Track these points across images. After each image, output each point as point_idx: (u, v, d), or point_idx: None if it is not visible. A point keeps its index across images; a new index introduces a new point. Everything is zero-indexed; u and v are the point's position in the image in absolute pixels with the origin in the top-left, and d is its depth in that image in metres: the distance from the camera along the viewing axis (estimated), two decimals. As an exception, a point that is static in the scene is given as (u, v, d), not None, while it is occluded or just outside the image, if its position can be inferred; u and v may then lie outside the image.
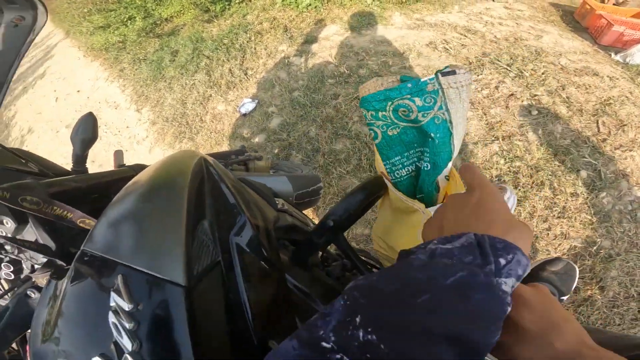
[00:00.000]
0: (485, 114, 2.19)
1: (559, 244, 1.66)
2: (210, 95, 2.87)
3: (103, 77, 3.98)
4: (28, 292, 0.53)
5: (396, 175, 0.62)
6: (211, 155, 1.00)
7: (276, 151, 2.27)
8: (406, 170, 0.62)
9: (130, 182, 0.50)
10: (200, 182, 0.51)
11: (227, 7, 3.99)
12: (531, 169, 1.87)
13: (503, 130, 2.07)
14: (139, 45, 4.07)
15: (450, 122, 0.54)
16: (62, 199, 0.49)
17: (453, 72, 0.52)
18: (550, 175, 1.84)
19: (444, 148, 0.56)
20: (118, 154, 0.89)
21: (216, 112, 2.75)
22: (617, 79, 2.50)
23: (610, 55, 2.91)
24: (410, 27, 3.10)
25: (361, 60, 2.75)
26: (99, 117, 3.20)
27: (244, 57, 3.12)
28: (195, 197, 0.47)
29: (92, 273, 0.40)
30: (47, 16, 0.67)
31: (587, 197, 1.77)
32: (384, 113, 0.57)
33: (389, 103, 0.55)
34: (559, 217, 1.71)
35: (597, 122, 2.10)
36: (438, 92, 0.52)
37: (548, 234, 1.69)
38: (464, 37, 2.90)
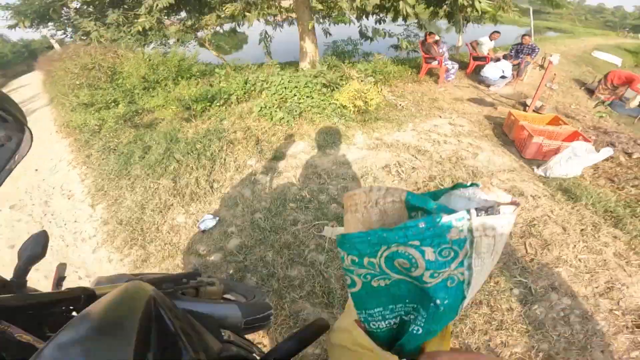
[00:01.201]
0: None
1: (500, 352, 1.84)
2: (172, 205, 2.81)
3: (67, 160, 3.90)
4: None
5: (372, 326, 0.49)
6: (163, 277, 1.04)
7: (231, 271, 2.27)
8: (387, 323, 0.49)
9: (83, 312, 0.54)
10: (149, 319, 0.56)
11: (208, 107, 4.32)
12: None
13: None
14: (114, 133, 4.14)
15: (469, 283, 0.40)
16: (2, 314, 0.53)
17: (496, 211, 0.37)
18: (487, 295, 2.05)
19: (448, 315, 0.43)
20: (60, 268, 0.88)
21: (175, 223, 2.66)
22: (540, 197, 2.91)
23: (533, 169, 3.39)
24: (370, 147, 3.49)
25: (322, 183, 2.98)
26: (49, 204, 3.17)
27: (212, 167, 3.20)
28: (143, 334, 0.52)
29: None
30: (31, 145, 0.65)
31: (522, 310, 1.97)
32: (371, 260, 0.41)
33: (384, 248, 0.39)
34: (497, 329, 1.91)
35: (525, 244, 2.41)
36: (465, 242, 0.37)
37: (489, 344, 1.88)
38: (414, 158, 3.33)
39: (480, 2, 3.56)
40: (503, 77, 5.84)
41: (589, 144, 3.28)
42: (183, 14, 7.28)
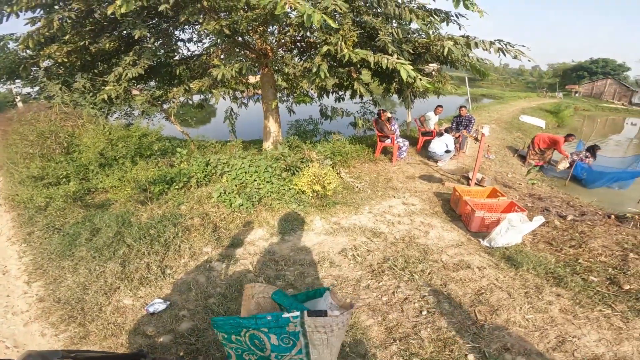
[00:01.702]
0: (384, 320, 2.48)
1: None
2: (119, 288, 2.74)
3: (6, 235, 3.67)
4: None
5: None
6: (103, 357, 0.93)
7: (182, 353, 2.20)
8: None
9: None
10: None
11: (166, 191, 4.25)
12: None
13: (400, 332, 2.35)
14: (61, 212, 3.92)
15: None
16: None
17: (323, 314, 0.46)
18: None
19: None
20: None
21: (120, 305, 2.60)
22: (485, 268, 3.11)
23: (479, 241, 3.68)
24: (327, 232, 3.61)
25: (280, 270, 3.01)
26: None
27: (166, 253, 3.14)
28: None
29: None
30: None
31: None
32: (238, 337, 0.52)
33: (244, 330, 0.50)
34: None
35: (474, 312, 2.54)
36: (299, 334, 0.45)
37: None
38: (370, 241, 3.48)
39: (420, 80, 4.06)
40: (448, 151, 6.50)
41: (522, 214, 3.61)
42: (152, 84, 7.53)
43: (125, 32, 5.07)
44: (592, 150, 7.83)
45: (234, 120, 6.91)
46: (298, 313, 0.49)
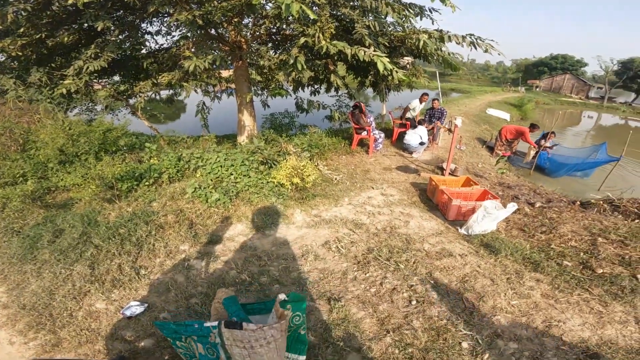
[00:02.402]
0: (375, 311, 2.46)
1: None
2: (89, 291, 2.57)
3: None
4: None
5: None
6: None
7: (167, 358, 2.10)
8: None
9: None
10: None
11: (135, 187, 3.98)
12: (422, 351, 2.12)
13: (392, 323, 2.34)
14: (20, 213, 3.62)
15: None
16: None
17: (238, 326, 0.41)
18: (439, 352, 2.09)
19: None
20: None
21: (92, 309, 2.44)
22: (467, 255, 3.18)
23: (457, 229, 3.77)
24: (309, 225, 3.55)
25: (263, 265, 2.93)
26: None
27: (139, 253, 2.97)
28: None
29: None
30: None
31: None
32: (182, 343, 0.49)
33: (183, 337, 0.48)
34: None
35: (462, 299, 2.58)
36: (218, 346, 0.41)
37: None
38: (352, 232, 3.47)
39: (397, 72, 4.11)
40: (422, 142, 6.65)
41: (497, 202, 3.73)
42: (116, 78, 7.08)
43: (86, 24, 4.71)
44: (545, 135, 8.32)
45: (207, 115, 6.65)
46: (216, 323, 0.44)
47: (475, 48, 4.86)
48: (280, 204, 3.81)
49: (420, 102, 7.96)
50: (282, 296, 1.13)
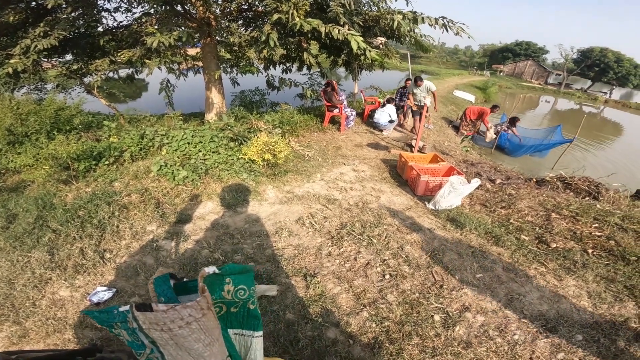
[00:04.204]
0: (351, 287, 2.50)
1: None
2: (50, 279, 2.45)
3: None
4: None
5: None
6: (50, 356, 0.85)
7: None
8: None
9: None
10: None
11: (93, 167, 3.73)
12: (398, 324, 2.19)
13: (368, 298, 2.39)
14: None
15: None
16: None
17: (149, 308, 0.38)
18: (413, 325, 2.18)
19: None
20: None
21: (56, 297, 2.34)
22: (435, 229, 3.30)
23: (425, 204, 3.91)
24: (282, 202, 3.52)
25: (236, 244, 2.88)
26: None
27: (102, 236, 2.81)
28: None
29: None
30: None
31: (447, 333, 2.13)
32: (116, 330, 0.45)
33: (113, 324, 0.44)
34: (433, 356, 1.98)
35: (432, 272, 2.68)
36: (136, 330, 0.38)
37: (431, 373, 1.96)
38: (325, 208, 3.49)
39: (370, 51, 4.12)
40: (391, 120, 6.77)
41: (462, 177, 3.86)
42: (68, 57, 6.53)
43: (34, 2, 4.22)
44: (513, 121, 8.79)
45: (171, 93, 6.29)
46: (128, 307, 0.42)
47: (447, 30, 4.94)
48: (252, 180, 3.74)
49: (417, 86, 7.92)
50: (209, 269, 1.01)
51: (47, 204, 3.08)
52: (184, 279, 1.46)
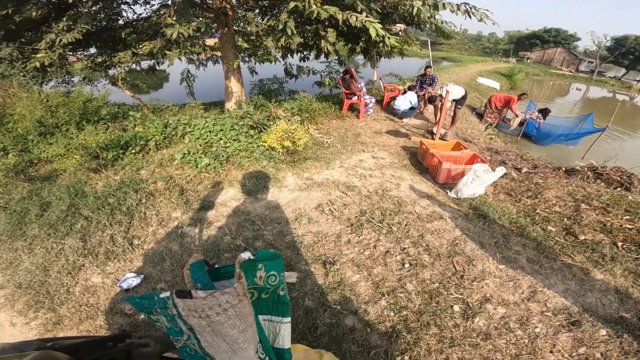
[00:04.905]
0: (369, 275, 2.49)
1: (458, 367, 1.92)
2: (83, 265, 2.53)
3: None
4: None
5: None
6: (83, 342, 0.87)
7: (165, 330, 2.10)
8: None
9: None
10: None
11: (121, 155, 3.87)
12: (416, 314, 2.17)
13: (386, 287, 2.38)
14: (4, 188, 3.48)
15: (208, 354, 0.40)
16: None
17: (189, 295, 0.38)
18: (432, 315, 2.16)
19: None
20: None
21: (89, 284, 2.41)
22: (457, 218, 3.22)
23: (447, 192, 3.82)
24: (301, 188, 3.53)
25: (257, 230, 2.92)
26: None
27: (130, 222, 2.90)
28: None
29: None
30: None
31: (467, 324, 2.10)
32: (155, 317, 0.44)
33: (153, 310, 0.43)
34: (451, 347, 1.96)
35: (453, 262, 2.63)
36: (176, 317, 0.38)
37: (447, 361, 1.96)
38: (345, 195, 3.47)
39: (389, 39, 4.03)
40: (412, 108, 6.61)
41: (486, 165, 3.72)
42: (92, 50, 6.75)
43: None
44: (545, 112, 8.42)
45: (192, 82, 6.41)
46: (168, 294, 0.43)
47: (470, 17, 4.72)
48: (272, 167, 3.77)
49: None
50: (245, 255, 0.97)
51: (79, 192, 3.22)
52: (215, 265, 1.48)
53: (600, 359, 1.92)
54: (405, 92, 6.84)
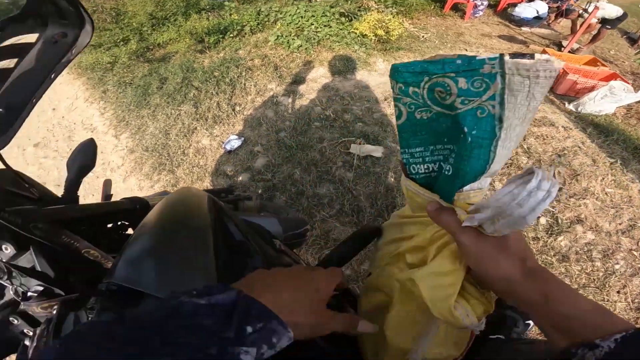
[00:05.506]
0: None
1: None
2: (196, 128, 2.82)
3: (83, 97, 3.84)
4: (10, 318, 0.51)
5: (412, 169, 0.48)
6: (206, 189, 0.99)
7: (260, 191, 2.24)
8: (426, 167, 0.48)
9: (148, 219, 0.51)
10: (217, 220, 0.54)
11: (221, 39, 4.17)
12: None
13: None
14: (128, 69, 4.04)
15: (500, 119, 0.39)
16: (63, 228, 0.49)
17: (530, 56, 0.37)
18: None
19: (477, 153, 0.41)
20: (107, 183, 0.88)
21: (200, 146, 2.67)
22: (571, 129, 2.80)
23: (564, 104, 3.30)
24: (391, 74, 3.36)
25: (346, 104, 2.93)
26: (73, 139, 3.14)
27: (233, 92, 3.18)
28: (216, 235, 0.51)
29: (121, 305, 0.42)
30: (91, 36, 0.59)
31: (547, 241, 1.96)
32: (415, 89, 0.43)
33: (426, 79, 0.41)
34: None
35: (554, 172, 2.32)
36: (496, 77, 0.37)
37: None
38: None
39: None
40: (538, 17, 5.38)
41: (628, 85, 3.18)
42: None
43: None
44: None
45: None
46: (497, 55, 0.29)
47: None
48: (363, 52, 3.65)
49: None
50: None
51: (190, 68, 3.61)
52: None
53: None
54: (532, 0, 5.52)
